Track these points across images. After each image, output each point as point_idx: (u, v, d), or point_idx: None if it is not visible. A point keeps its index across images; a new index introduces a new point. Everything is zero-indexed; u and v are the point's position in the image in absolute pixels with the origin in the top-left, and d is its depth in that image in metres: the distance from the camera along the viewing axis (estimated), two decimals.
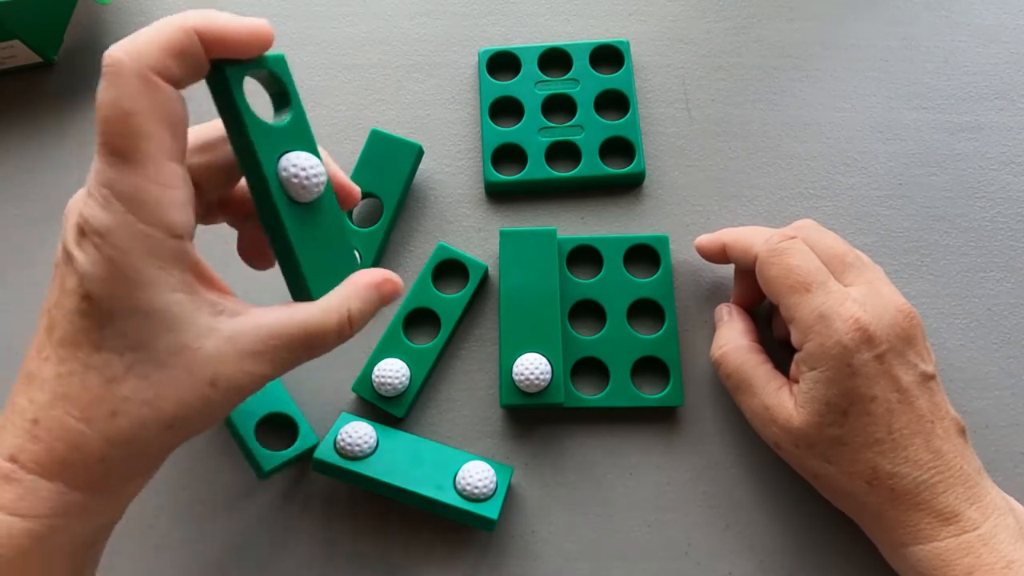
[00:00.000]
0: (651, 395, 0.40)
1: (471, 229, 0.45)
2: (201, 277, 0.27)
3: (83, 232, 0.24)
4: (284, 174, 0.28)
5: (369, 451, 0.38)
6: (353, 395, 0.41)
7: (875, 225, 0.45)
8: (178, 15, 0.24)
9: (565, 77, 0.48)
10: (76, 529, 0.26)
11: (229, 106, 0.27)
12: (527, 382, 0.39)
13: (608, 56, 0.49)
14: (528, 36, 0.50)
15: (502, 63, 0.49)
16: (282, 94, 0.29)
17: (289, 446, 0.39)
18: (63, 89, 0.49)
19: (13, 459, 0.25)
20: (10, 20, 0.45)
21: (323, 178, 0.28)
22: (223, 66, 0.26)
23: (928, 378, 0.34)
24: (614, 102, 0.47)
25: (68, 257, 0.25)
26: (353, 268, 0.30)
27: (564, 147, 0.46)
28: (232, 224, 0.33)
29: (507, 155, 0.46)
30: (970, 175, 0.46)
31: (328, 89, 0.49)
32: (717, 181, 0.46)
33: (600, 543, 0.38)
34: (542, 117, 0.46)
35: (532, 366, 0.39)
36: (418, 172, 0.46)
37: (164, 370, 0.25)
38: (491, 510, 0.36)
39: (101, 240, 0.24)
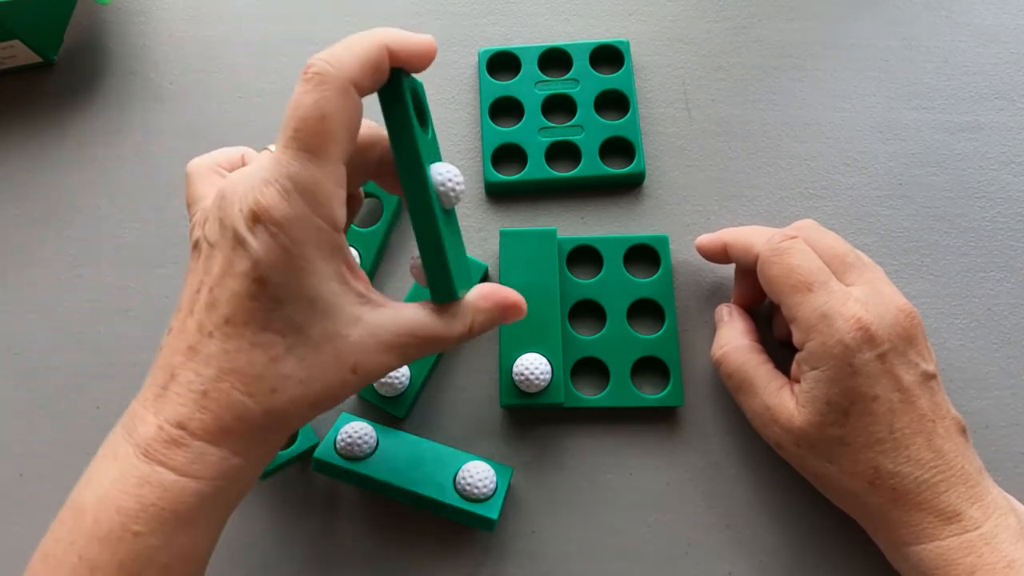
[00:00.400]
0: (651, 395, 0.40)
1: (471, 229, 0.45)
2: (351, 268, 0.29)
3: (258, 219, 0.26)
4: (438, 179, 0.30)
5: (369, 451, 0.38)
6: (353, 395, 0.41)
7: (875, 225, 0.45)
8: (370, 32, 0.27)
9: (565, 77, 0.48)
10: (231, 491, 0.28)
11: (402, 114, 0.29)
12: (527, 382, 0.39)
13: (608, 56, 0.49)
14: (528, 36, 0.50)
15: (502, 63, 0.49)
16: (421, 112, 0.31)
17: (289, 446, 0.39)
18: (63, 89, 0.49)
19: (181, 426, 0.27)
20: (10, 20, 0.45)
21: (463, 188, 0.31)
22: (401, 77, 0.28)
23: (929, 377, 0.34)
24: (614, 102, 0.47)
25: (237, 241, 0.27)
26: (475, 273, 0.33)
27: (564, 147, 0.46)
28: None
29: (507, 155, 0.46)
30: (970, 175, 0.46)
31: None
32: (717, 181, 0.46)
33: (600, 543, 0.38)
34: (542, 117, 0.46)
35: (532, 366, 0.39)
36: None
37: (317, 354, 0.28)
38: (491, 510, 0.36)
39: (279, 230, 0.26)
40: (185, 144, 0.47)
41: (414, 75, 0.30)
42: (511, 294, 0.32)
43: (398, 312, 0.30)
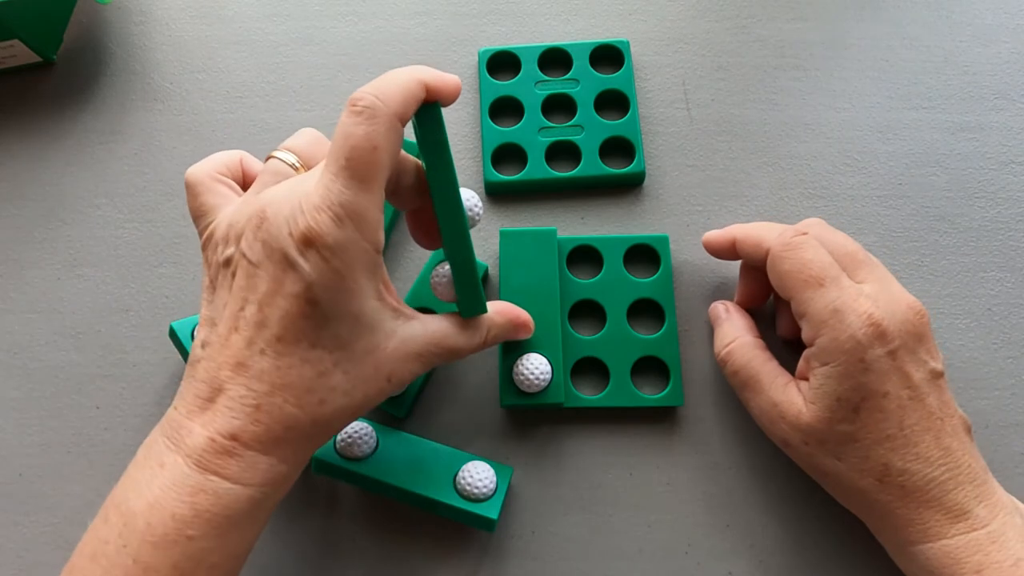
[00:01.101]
0: (651, 395, 0.40)
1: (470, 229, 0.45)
2: (386, 285, 0.31)
3: (311, 243, 0.28)
4: (464, 203, 0.33)
5: (369, 451, 0.38)
6: None
7: (875, 225, 0.45)
8: (409, 69, 0.30)
9: (565, 77, 0.48)
10: (277, 494, 0.30)
11: (439, 139, 0.31)
12: (527, 382, 0.39)
13: (608, 56, 0.49)
14: (528, 36, 0.50)
15: (502, 63, 0.49)
16: (440, 140, 0.32)
17: None
18: (63, 89, 0.49)
19: (234, 437, 0.28)
20: (10, 20, 0.45)
21: (482, 212, 0.35)
22: (438, 107, 0.31)
23: (937, 375, 0.34)
24: (614, 102, 0.47)
25: (288, 264, 0.28)
26: (483, 290, 0.36)
27: (564, 147, 0.46)
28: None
29: (507, 155, 0.46)
30: (970, 175, 0.46)
31: (328, 89, 0.49)
32: (717, 181, 0.46)
33: (600, 543, 0.38)
34: (542, 117, 0.46)
35: (532, 366, 0.39)
36: None
37: (361, 367, 0.30)
38: (491, 510, 0.36)
39: (331, 254, 0.28)
40: (185, 144, 0.47)
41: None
42: (523, 313, 0.37)
43: (426, 325, 0.32)
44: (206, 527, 0.28)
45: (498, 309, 0.36)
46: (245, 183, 0.35)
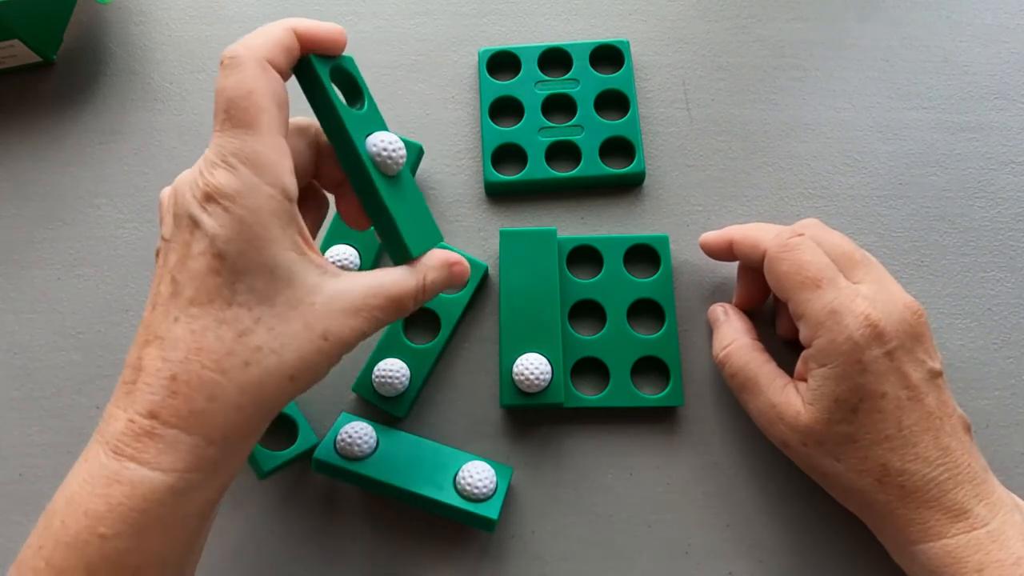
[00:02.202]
0: (651, 395, 0.40)
1: (471, 229, 0.45)
2: (306, 241, 0.29)
3: (210, 198, 0.27)
4: (373, 150, 0.32)
5: (369, 451, 0.38)
6: (353, 395, 0.41)
7: (875, 225, 0.45)
8: (280, 21, 0.30)
9: (565, 77, 0.48)
10: (205, 484, 0.27)
11: (320, 93, 0.31)
12: (527, 382, 0.39)
13: (608, 56, 0.49)
14: (528, 36, 0.50)
15: (502, 63, 0.49)
16: (354, 88, 0.33)
17: (289, 446, 0.39)
18: (63, 89, 0.49)
19: (153, 415, 0.26)
20: (10, 20, 0.44)
21: (403, 153, 0.32)
22: (311, 59, 0.30)
23: (936, 375, 0.34)
24: (614, 102, 0.47)
25: (193, 224, 0.27)
26: (437, 238, 0.34)
27: (564, 147, 0.46)
28: (329, 191, 0.36)
29: (507, 155, 0.46)
30: (970, 175, 0.46)
31: None
32: (717, 181, 0.46)
33: (600, 543, 0.38)
34: (542, 117, 0.46)
35: (532, 366, 0.39)
36: (418, 172, 0.46)
37: (286, 323, 0.28)
38: (491, 510, 0.36)
39: (231, 203, 0.27)
40: (185, 144, 0.47)
41: (346, 54, 0.32)
42: (454, 255, 0.34)
43: (356, 278, 0.30)
44: (120, 524, 0.26)
45: (431, 254, 0.33)
46: None
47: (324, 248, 0.43)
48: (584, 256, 0.44)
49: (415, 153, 0.44)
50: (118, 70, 0.50)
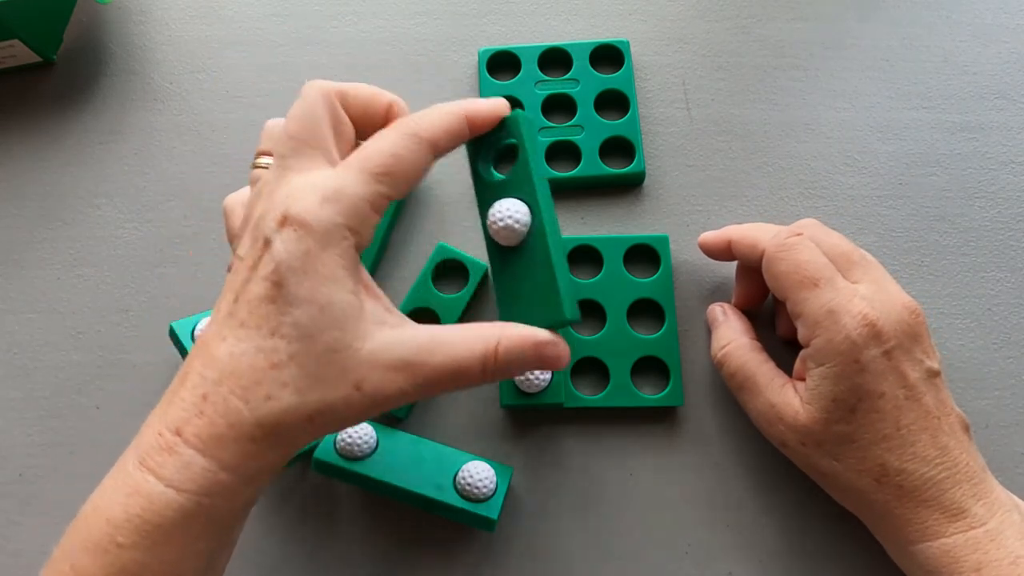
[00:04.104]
0: (651, 395, 0.40)
1: (471, 229, 0.45)
2: (367, 287, 0.29)
3: (287, 221, 0.27)
4: (489, 220, 0.32)
5: (369, 451, 0.38)
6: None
7: (875, 225, 0.45)
8: (457, 107, 0.30)
9: (565, 77, 0.48)
10: (218, 509, 0.27)
11: (472, 166, 0.33)
12: (527, 382, 0.39)
13: (608, 56, 0.48)
14: (528, 36, 0.50)
15: (502, 63, 0.49)
16: (511, 146, 0.33)
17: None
18: (63, 89, 0.49)
19: (178, 432, 0.26)
20: (10, 20, 0.45)
21: (511, 224, 0.31)
22: (482, 138, 0.32)
23: (934, 375, 0.34)
24: (614, 102, 0.47)
25: (265, 245, 0.27)
26: (553, 318, 0.30)
27: (564, 147, 0.46)
28: None
29: (507, 155, 0.46)
30: (970, 175, 0.46)
31: None
32: (717, 181, 0.46)
33: (600, 543, 0.38)
34: (542, 117, 0.46)
35: None
36: None
37: (320, 365, 0.27)
38: (491, 510, 0.36)
39: (305, 231, 0.27)
40: (185, 144, 0.47)
41: (517, 111, 0.32)
42: (549, 335, 0.29)
43: (416, 330, 0.28)
44: (135, 535, 0.26)
45: (515, 324, 0.30)
46: None
47: None
48: (584, 256, 0.43)
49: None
50: (118, 70, 0.50)
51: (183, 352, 0.40)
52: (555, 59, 0.48)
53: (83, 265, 0.45)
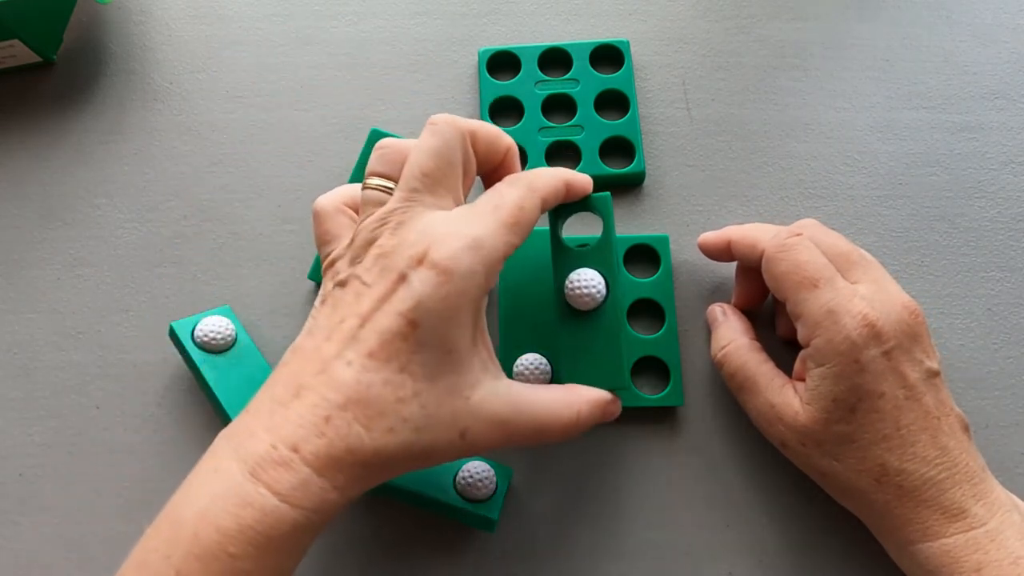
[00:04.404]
0: (651, 395, 0.40)
1: None
2: (481, 332, 0.31)
3: (434, 264, 0.28)
4: (571, 285, 0.35)
5: None
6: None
7: (875, 225, 0.45)
8: (560, 173, 0.34)
9: (565, 77, 0.48)
10: (319, 524, 0.28)
11: (553, 229, 0.37)
12: (527, 382, 0.39)
13: (608, 56, 0.49)
14: (528, 36, 0.50)
15: (502, 63, 0.49)
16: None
17: None
18: (63, 89, 0.49)
19: (295, 448, 0.27)
20: (10, 20, 0.44)
21: (593, 292, 0.35)
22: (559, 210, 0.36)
23: (933, 375, 0.34)
24: (614, 102, 0.47)
25: (400, 280, 0.29)
26: (614, 383, 0.35)
27: (564, 147, 0.46)
28: None
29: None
30: (970, 175, 0.46)
31: (328, 89, 0.49)
32: (717, 181, 0.46)
33: (600, 543, 0.38)
34: (542, 117, 0.46)
35: (532, 366, 0.39)
36: None
37: (437, 407, 0.29)
38: (491, 510, 0.36)
39: (447, 278, 0.28)
40: (185, 144, 0.47)
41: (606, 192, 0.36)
42: (609, 395, 0.35)
43: (511, 387, 0.31)
44: (247, 546, 0.26)
45: (583, 389, 0.34)
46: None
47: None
48: None
49: None
50: (118, 70, 0.50)
51: (183, 352, 0.40)
52: (555, 59, 0.48)
53: (83, 265, 0.45)
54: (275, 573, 0.28)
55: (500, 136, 0.34)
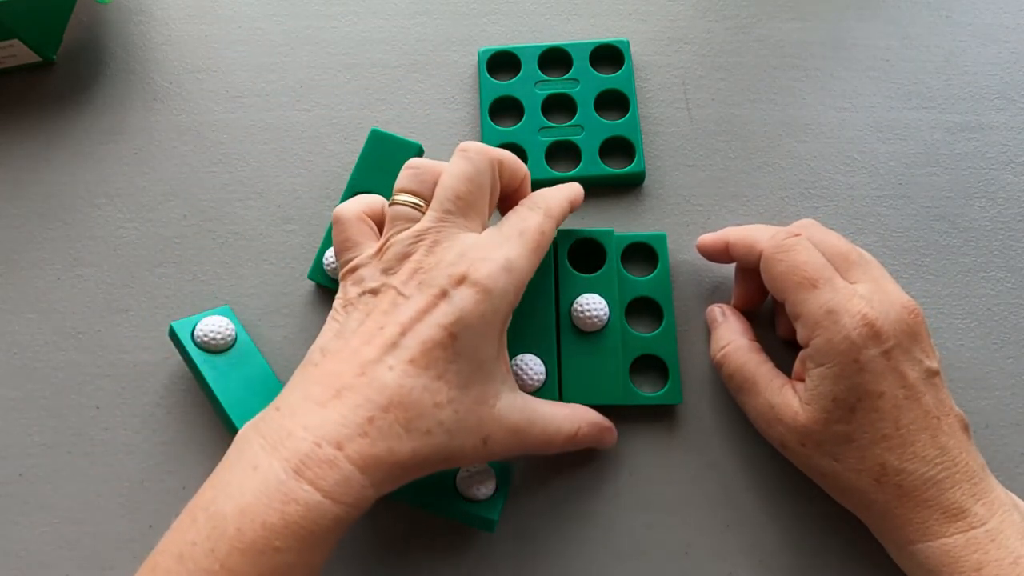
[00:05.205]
0: (650, 393, 0.40)
1: None
2: (503, 347, 0.34)
3: (466, 281, 0.31)
4: (577, 308, 0.39)
5: None
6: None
7: (875, 225, 0.45)
8: (567, 188, 0.38)
9: (565, 77, 0.48)
10: (354, 519, 0.29)
11: (560, 256, 0.41)
12: (524, 381, 0.38)
13: (608, 56, 0.49)
14: (528, 36, 0.50)
15: (502, 63, 0.49)
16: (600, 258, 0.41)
17: None
18: (63, 89, 0.49)
19: (339, 447, 0.28)
20: (10, 20, 0.45)
21: (600, 315, 0.39)
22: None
23: (933, 374, 0.34)
24: (614, 102, 0.47)
25: (443, 295, 0.31)
26: (615, 399, 0.39)
27: (564, 147, 0.46)
28: None
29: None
30: (970, 175, 0.46)
31: (328, 89, 0.49)
32: (717, 181, 0.46)
33: (600, 543, 0.38)
34: (542, 117, 0.46)
35: (528, 366, 0.39)
36: None
37: (468, 413, 0.31)
38: (491, 510, 0.36)
39: (486, 296, 0.31)
40: (185, 144, 0.47)
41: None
42: (608, 422, 0.38)
43: (523, 400, 0.34)
44: (292, 540, 0.27)
45: (585, 410, 0.37)
46: (380, 225, 0.36)
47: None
48: None
49: (414, 153, 0.44)
50: (118, 70, 0.50)
51: (183, 352, 0.40)
52: (555, 59, 0.48)
53: (83, 265, 0.45)
54: (313, 566, 0.29)
55: (520, 166, 0.36)
